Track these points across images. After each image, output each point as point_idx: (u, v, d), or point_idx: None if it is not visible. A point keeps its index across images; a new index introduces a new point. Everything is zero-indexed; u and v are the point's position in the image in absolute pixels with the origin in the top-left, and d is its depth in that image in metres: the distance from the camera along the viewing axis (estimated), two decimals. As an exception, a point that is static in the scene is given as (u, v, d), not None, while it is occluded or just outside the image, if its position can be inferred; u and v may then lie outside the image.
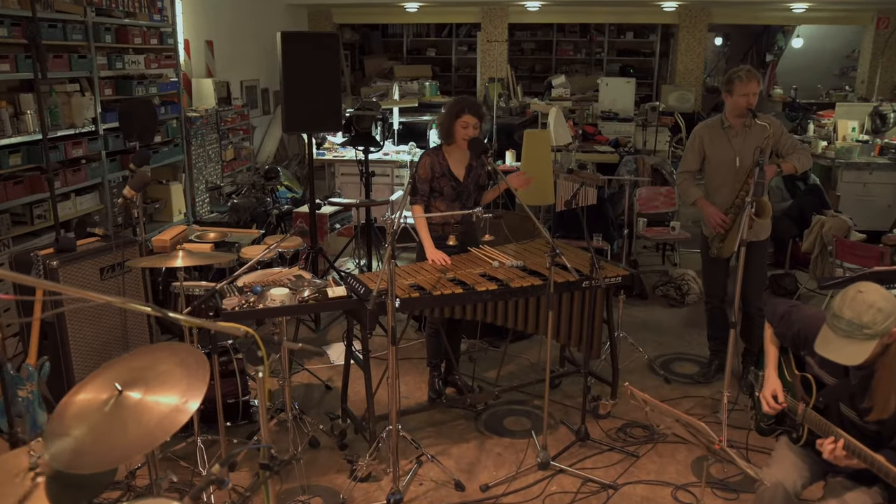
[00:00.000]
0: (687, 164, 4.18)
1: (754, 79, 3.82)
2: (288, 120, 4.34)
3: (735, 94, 3.85)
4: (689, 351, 4.87)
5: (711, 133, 4.05)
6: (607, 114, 9.87)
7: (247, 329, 1.72)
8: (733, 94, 3.87)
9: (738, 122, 3.95)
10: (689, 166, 4.17)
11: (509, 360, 4.65)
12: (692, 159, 4.14)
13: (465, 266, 3.60)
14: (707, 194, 4.13)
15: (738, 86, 3.83)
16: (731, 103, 3.92)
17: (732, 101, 3.89)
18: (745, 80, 3.81)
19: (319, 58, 4.35)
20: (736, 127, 3.95)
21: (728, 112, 3.98)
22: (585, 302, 3.59)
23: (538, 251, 3.87)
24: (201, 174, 7.09)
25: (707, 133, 4.07)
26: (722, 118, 4.02)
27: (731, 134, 3.96)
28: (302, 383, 4.37)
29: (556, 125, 5.49)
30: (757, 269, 4.06)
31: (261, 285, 3.19)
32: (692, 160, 4.14)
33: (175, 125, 6.66)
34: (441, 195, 3.83)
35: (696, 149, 4.11)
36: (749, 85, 3.80)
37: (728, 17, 10.97)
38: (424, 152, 3.89)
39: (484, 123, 3.77)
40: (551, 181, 5.04)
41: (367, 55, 13.81)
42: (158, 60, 6.32)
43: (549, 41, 14.05)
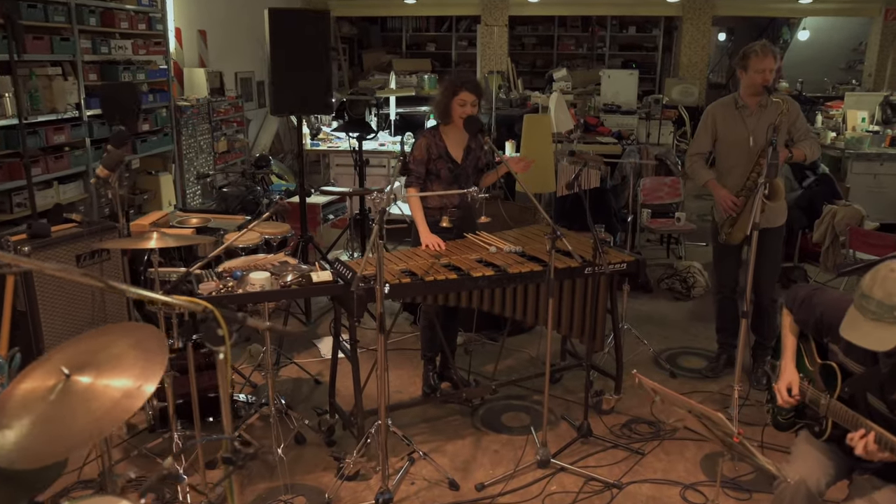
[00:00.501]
0: (698, 144, 3.98)
1: (770, 54, 3.61)
2: (276, 101, 4.14)
3: (750, 70, 3.64)
4: (695, 345, 4.66)
5: (725, 112, 3.84)
6: (609, 106, 9.65)
7: (206, 304, 1.51)
8: (748, 71, 3.65)
9: (753, 101, 3.74)
10: (700, 147, 3.97)
11: (508, 353, 4.45)
12: (704, 139, 3.93)
13: (460, 252, 3.40)
14: (719, 177, 3.93)
15: (753, 61, 3.62)
16: (745, 80, 3.70)
17: (747, 77, 3.67)
18: (760, 55, 3.59)
19: (309, 36, 4.15)
20: (751, 106, 3.74)
21: (743, 90, 3.76)
22: (588, 290, 3.38)
23: (538, 236, 3.67)
24: (192, 165, 6.89)
25: (720, 112, 3.86)
26: (736, 97, 3.81)
27: (746, 113, 3.75)
28: (290, 377, 4.17)
29: (558, 111, 5.28)
30: (771, 258, 3.86)
31: (241, 270, 2.99)
32: (704, 140, 3.94)
33: (165, 114, 6.47)
34: (438, 178, 3.63)
35: (708, 128, 3.91)
36: (765, 60, 3.59)
37: (733, 8, 10.77)
38: (420, 132, 3.69)
39: (483, 100, 3.57)
40: (552, 168, 4.84)
41: (365, 49, 13.61)
42: (147, 47, 6.13)
43: (551, 36, 13.84)
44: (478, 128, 3.34)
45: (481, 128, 3.35)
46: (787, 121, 3.69)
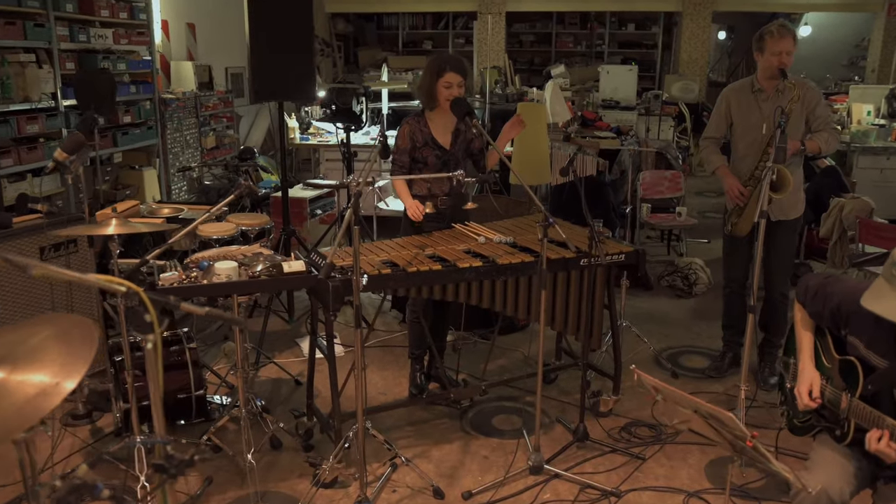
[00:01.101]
0: (711, 129, 3.78)
1: (788, 34, 3.38)
2: (257, 87, 3.92)
3: (766, 51, 3.41)
4: (698, 343, 4.44)
5: (739, 96, 3.62)
6: (608, 102, 9.44)
7: (129, 285, 1.29)
8: (764, 53, 3.43)
9: (769, 85, 3.51)
10: (713, 132, 3.77)
11: (499, 352, 4.22)
12: (717, 124, 3.73)
13: (447, 242, 3.18)
14: (732, 165, 3.71)
15: (769, 42, 3.39)
16: (762, 63, 3.48)
17: (764, 60, 3.45)
18: (777, 36, 3.37)
19: (291, 18, 3.94)
20: (767, 90, 3.51)
21: (759, 73, 3.54)
22: (584, 283, 3.16)
23: (530, 227, 3.45)
24: (178, 160, 6.67)
25: (734, 96, 3.64)
26: (752, 80, 3.59)
27: (761, 98, 3.53)
28: (270, 378, 3.95)
29: (553, 101, 5.06)
30: (783, 251, 3.63)
31: (208, 260, 2.77)
32: (717, 125, 3.73)
33: (149, 107, 6.25)
34: (425, 166, 3.41)
35: (721, 113, 3.70)
36: (782, 41, 3.36)
37: (734, 3, 10.58)
38: (404, 119, 3.48)
39: (469, 80, 3.35)
40: (547, 159, 4.62)
41: (360, 47, 13.41)
42: (129, 36, 5.91)
43: (549, 33, 13.64)
44: (465, 110, 3.12)
45: (469, 110, 3.13)
46: (803, 108, 3.47)
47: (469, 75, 3.34)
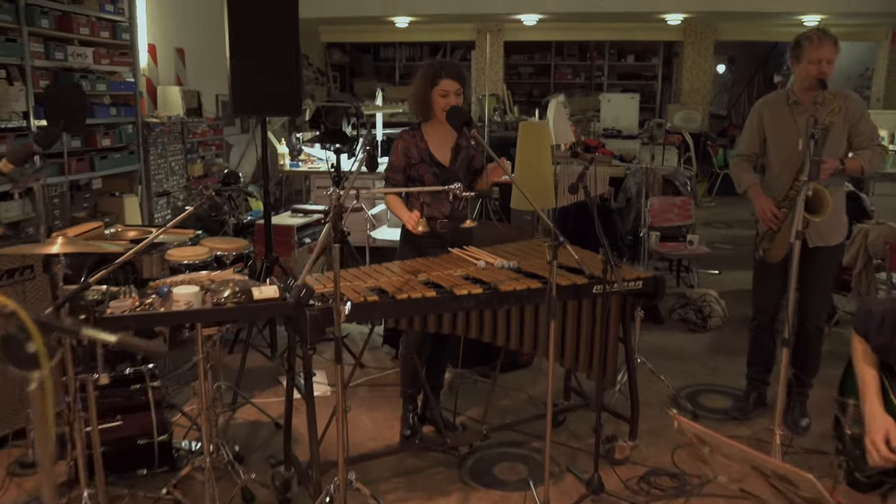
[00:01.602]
0: (743, 145, 3.47)
1: (829, 40, 3.07)
2: (236, 101, 3.62)
3: (804, 59, 3.10)
4: (718, 381, 4.06)
5: (773, 110, 3.30)
6: (610, 131, 9.22)
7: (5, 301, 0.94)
8: (801, 60, 3.12)
9: (806, 97, 3.18)
10: (744, 149, 3.46)
11: (501, 392, 3.84)
12: (749, 141, 3.42)
13: (442, 267, 2.83)
14: (765, 185, 3.39)
15: (807, 49, 3.08)
16: (798, 72, 3.17)
17: (801, 68, 3.14)
18: (816, 43, 3.06)
19: (276, 26, 3.65)
20: (804, 102, 3.19)
21: (796, 84, 3.23)
22: (597, 313, 2.81)
23: (536, 251, 3.10)
24: (161, 187, 6.36)
25: (768, 110, 3.32)
26: (788, 91, 3.27)
27: (798, 111, 3.19)
28: (247, 420, 3.56)
29: (556, 120, 4.76)
30: (821, 280, 3.28)
31: (168, 285, 2.42)
32: (749, 142, 3.42)
33: (131, 130, 5.96)
34: (422, 185, 3.08)
35: (754, 128, 3.39)
36: (821, 49, 3.05)
37: (735, 32, 10.41)
38: (400, 134, 3.16)
39: (467, 89, 3.04)
40: (551, 181, 4.30)
41: (357, 78, 13.24)
42: (111, 57, 5.64)
43: (547, 65, 13.49)
44: (463, 120, 2.80)
45: (467, 120, 2.81)
46: (845, 122, 3.15)
47: (468, 83, 3.04)
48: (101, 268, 3.72)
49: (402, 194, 3.13)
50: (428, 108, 3.03)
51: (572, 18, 10.16)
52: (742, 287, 5.95)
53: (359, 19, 10.20)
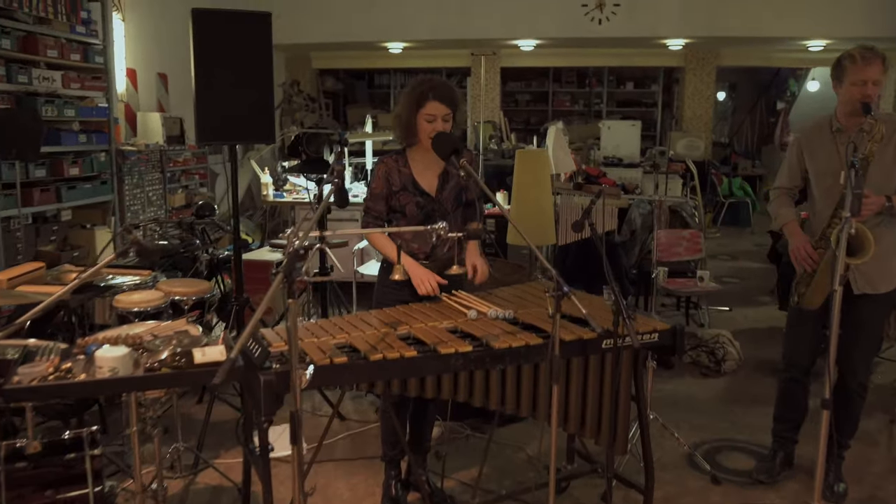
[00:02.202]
0: (782, 177, 3.12)
1: (876, 59, 2.70)
2: (201, 128, 3.26)
3: (846, 81, 2.74)
4: (737, 436, 3.66)
5: (814, 138, 2.93)
6: (610, 159, 8.89)
7: None
8: (844, 82, 2.76)
9: (851, 124, 2.81)
10: (784, 181, 3.10)
11: (497, 449, 3.43)
12: (789, 173, 3.07)
13: (426, 318, 2.44)
14: (810, 221, 3.04)
15: (849, 70, 2.72)
16: (841, 95, 2.80)
17: (843, 91, 2.77)
18: (860, 63, 2.69)
19: (246, 45, 3.31)
20: (848, 130, 2.81)
21: (839, 109, 2.86)
22: (606, 371, 2.42)
23: (535, 297, 2.72)
24: (137, 218, 5.99)
25: (807, 139, 2.97)
26: (831, 118, 2.90)
27: (841, 140, 2.82)
28: (209, 485, 3.14)
29: (556, 148, 4.41)
30: (868, 332, 2.89)
31: (101, 342, 2.03)
32: (789, 174, 3.07)
33: (103, 158, 5.60)
34: (403, 217, 2.72)
35: (794, 159, 3.03)
36: (867, 69, 2.68)
37: (738, 58, 10.14)
38: (380, 158, 2.80)
39: (458, 114, 2.69)
40: (551, 215, 3.93)
41: (350, 105, 12.97)
42: (82, 81, 5.31)
43: (545, 92, 13.24)
44: (451, 148, 2.44)
45: (456, 148, 2.45)
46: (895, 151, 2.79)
47: (459, 107, 2.68)
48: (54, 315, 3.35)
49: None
50: (412, 132, 2.67)
51: (570, 44, 9.91)
52: (755, 326, 5.57)
53: (351, 45, 9.94)
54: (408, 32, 9.32)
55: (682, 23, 8.76)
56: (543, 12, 8.93)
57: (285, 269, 1.60)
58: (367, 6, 9.19)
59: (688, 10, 8.71)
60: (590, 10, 8.84)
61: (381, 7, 9.17)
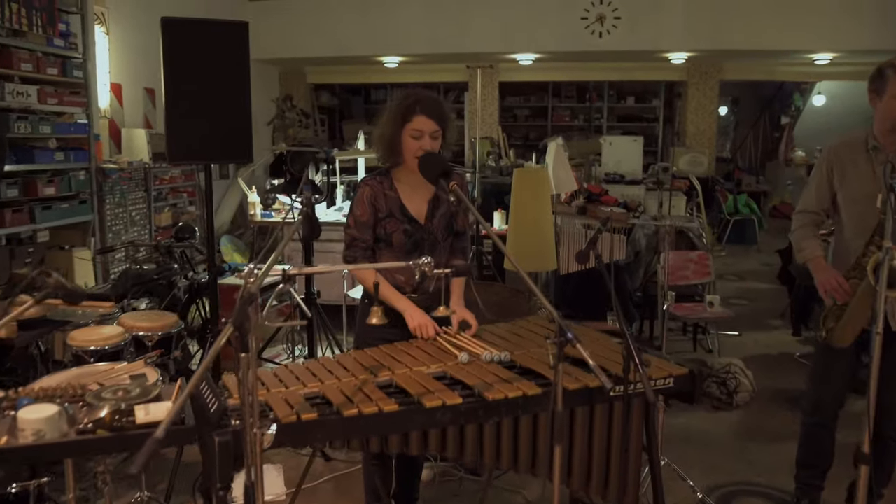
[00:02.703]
0: (808, 200, 2.79)
1: None
2: (172, 145, 3.00)
3: (886, 94, 2.49)
4: (755, 479, 3.37)
5: (846, 156, 2.65)
6: (612, 176, 8.64)
7: None
8: (884, 95, 2.50)
9: (890, 141, 2.55)
10: (811, 204, 2.78)
11: (493, 495, 3.15)
12: (817, 194, 2.75)
13: (411, 361, 2.17)
14: (836, 250, 2.76)
15: (892, 81, 2.46)
16: (880, 110, 2.54)
17: (883, 105, 2.52)
18: None
19: (222, 57, 3.06)
20: (887, 148, 2.55)
21: (876, 125, 2.59)
22: (615, 421, 2.14)
23: (534, 335, 2.44)
24: (118, 239, 5.73)
25: (838, 156, 2.67)
26: (867, 135, 2.63)
27: (878, 159, 2.55)
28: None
29: (557, 165, 4.15)
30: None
31: (37, 394, 1.76)
32: (817, 195, 2.75)
33: (83, 177, 5.35)
34: (389, 245, 2.46)
35: (823, 179, 2.72)
36: None
37: (741, 72, 9.93)
38: (362, 180, 2.53)
39: (449, 133, 2.43)
40: (551, 238, 3.67)
41: (346, 120, 12.77)
42: (59, 96, 5.07)
43: (544, 107, 13.04)
44: (439, 170, 2.18)
45: (445, 170, 2.19)
46: None
47: (450, 124, 2.43)
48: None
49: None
50: (397, 151, 2.41)
51: (570, 58, 9.69)
52: (766, 352, 5.29)
53: (347, 59, 9.73)
54: (404, 46, 9.12)
55: (684, 36, 8.55)
56: (542, 25, 8.72)
57: (235, 319, 1.34)
58: (362, 19, 8.99)
59: (691, 23, 8.49)
60: (590, 24, 8.64)
61: (377, 20, 8.98)
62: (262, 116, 9.47)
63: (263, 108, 9.54)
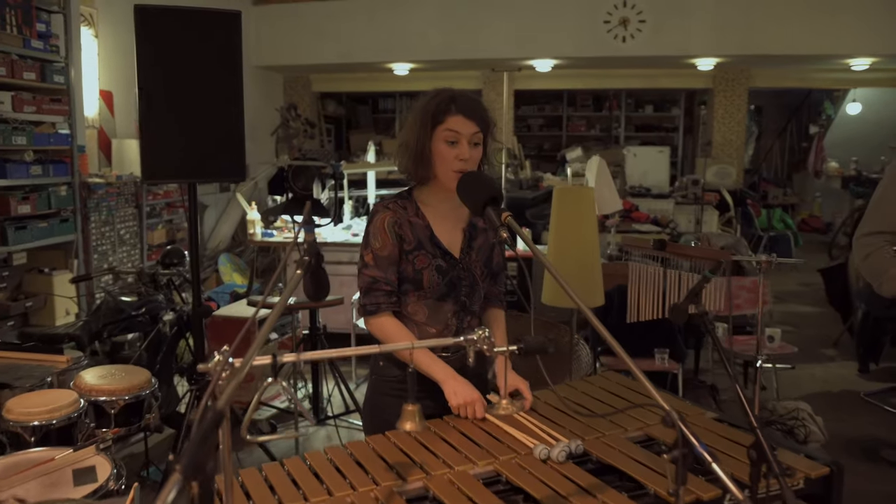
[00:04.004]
0: (877, 221, 2.32)
1: None
2: (148, 163, 2.47)
3: None
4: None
5: None
6: (637, 189, 8.11)
7: None
8: None
9: None
10: (880, 224, 2.31)
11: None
12: (890, 213, 2.25)
13: (450, 454, 1.61)
14: None
15: None
16: None
17: None
18: None
19: (210, 54, 2.54)
20: None
21: None
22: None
23: (600, 403, 1.88)
24: (105, 260, 5.22)
25: None
26: None
27: None
28: None
29: (600, 183, 3.60)
30: None
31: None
32: (890, 215, 2.26)
33: (65, 193, 4.84)
34: (417, 287, 1.90)
35: None
36: None
37: (771, 79, 9.38)
38: (377, 204, 1.98)
39: (493, 140, 1.90)
40: (598, 270, 3.12)
41: (353, 130, 12.27)
42: (38, 103, 4.56)
43: (559, 116, 12.52)
44: (486, 194, 1.65)
45: (493, 194, 1.65)
46: None
47: (492, 129, 1.90)
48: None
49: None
50: (426, 162, 1.86)
51: (589, 64, 9.17)
52: (826, 389, 4.73)
53: (354, 66, 9.22)
54: (415, 52, 8.60)
55: (713, 40, 8.01)
56: (562, 30, 8.20)
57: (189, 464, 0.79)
58: (370, 24, 8.50)
59: (720, 26, 7.96)
60: (613, 27, 8.11)
61: (386, 25, 8.48)
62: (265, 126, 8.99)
63: (266, 118, 9.06)
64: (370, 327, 1.90)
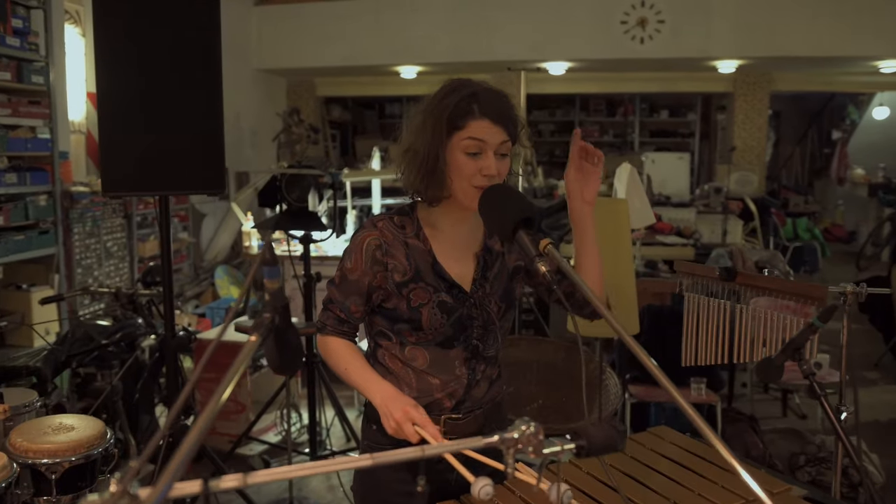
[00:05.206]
0: None
1: None
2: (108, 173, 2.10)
3: None
4: None
5: None
6: (657, 197, 7.70)
7: None
8: None
9: None
10: None
11: None
12: None
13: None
14: None
15: None
16: None
17: None
18: None
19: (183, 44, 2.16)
20: None
21: None
22: None
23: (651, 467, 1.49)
24: (90, 275, 4.86)
25: None
26: None
27: None
28: None
29: (632, 193, 3.22)
30: None
31: None
32: None
33: (44, 203, 4.48)
34: (416, 329, 1.52)
35: None
36: None
37: (795, 82, 8.98)
38: (369, 221, 1.59)
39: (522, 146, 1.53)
40: (633, 293, 2.73)
41: (359, 136, 11.93)
42: (13, 105, 4.21)
43: (570, 122, 12.13)
44: (517, 215, 1.27)
45: (527, 215, 1.27)
46: None
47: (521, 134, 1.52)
48: None
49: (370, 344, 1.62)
50: (439, 179, 1.47)
51: (605, 67, 8.79)
52: (874, 417, 4.31)
53: (359, 70, 8.87)
54: (423, 55, 8.24)
55: (735, 42, 7.62)
56: (577, 31, 7.82)
57: None
58: (377, 26, 8.14)
59: (742, 27, 7.57)
60: (630, 28, 7.73)
61: (393, 27, 8.12)
62: (267, 132, 8.66)
63: (269, 123, 8.73)
64: (318, 344, 1.59)
